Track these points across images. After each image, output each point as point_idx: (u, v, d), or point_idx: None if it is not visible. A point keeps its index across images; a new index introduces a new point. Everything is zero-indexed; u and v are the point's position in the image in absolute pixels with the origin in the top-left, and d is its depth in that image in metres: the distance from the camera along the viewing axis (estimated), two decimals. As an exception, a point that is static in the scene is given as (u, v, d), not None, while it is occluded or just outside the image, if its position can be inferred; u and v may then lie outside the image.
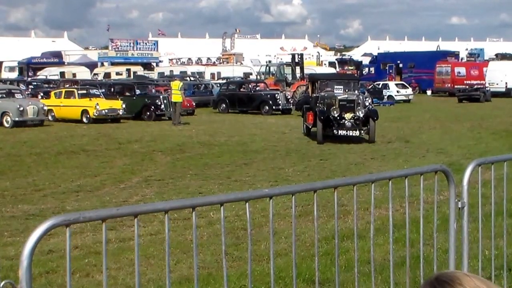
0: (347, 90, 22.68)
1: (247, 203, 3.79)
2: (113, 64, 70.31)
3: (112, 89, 35.29)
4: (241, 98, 36.11)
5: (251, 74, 57.51)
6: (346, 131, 20.86)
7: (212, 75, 58.56)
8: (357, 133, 20.91)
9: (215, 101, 37.79)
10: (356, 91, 22.75)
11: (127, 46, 78.36)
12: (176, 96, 29.62)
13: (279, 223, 8.97)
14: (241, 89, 37.43)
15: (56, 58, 74.38)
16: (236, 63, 73.03)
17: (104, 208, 9.15)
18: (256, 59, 78.73)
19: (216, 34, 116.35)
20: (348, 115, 21.02)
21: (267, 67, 51.57)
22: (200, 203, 4.13)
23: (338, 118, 21.10)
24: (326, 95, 22.47)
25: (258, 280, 6.20)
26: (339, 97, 21.86)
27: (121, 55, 75.50)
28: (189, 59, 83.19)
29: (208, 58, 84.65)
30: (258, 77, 50.52)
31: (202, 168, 16.01)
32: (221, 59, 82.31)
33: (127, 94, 33.71)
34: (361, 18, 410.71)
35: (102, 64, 71.92)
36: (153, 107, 32.03)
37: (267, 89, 38.10)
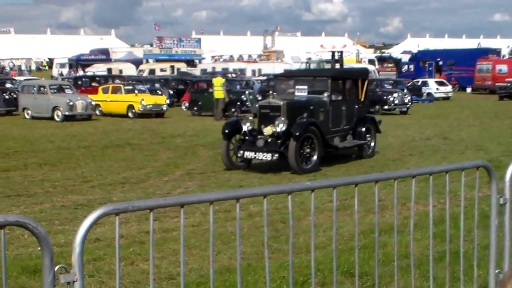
0: (314, 92, 16.09)
1: (289, 196, 3.88)
2: (157, 61, 71.24)
3: (194, 85, 34.94)
4: (282, 94, 36.12)
5: (291, 71, 57.42)
6: (255, 153, 14.59)
7: (253, 71, 58.70)
8: (269, 156, 14.41)
9: (256, 97, 37.88)
10: (326, 93, 15.89)
11: (171, 43, 79.35)
12: (218, 92, 29.89)
13: (317, 216, 9.05)
14: (282, 86, 37.39)
15: (104, 55, 76.02)
16: (277, 60, 73.15)
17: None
18: (296, 56, 78.72)
19: (257, 32, 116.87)
20: (268, 130, 14.75)
21: (307, 64, 51.51)
22: (243, 194, 4.22)
23: (251, 133, 15.05)
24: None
25: (296, 272, 6.31)
26: (259, 103, 16.55)
27: (165, 52, 76.54)
28: (231, 56, 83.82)
29: (249, 55, 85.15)
30: (299, 74, 50.44)
31: (243, 162, 16.13)
32: (262, 56, 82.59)
33: (209, 90, 32.27)
34: (401, 15, 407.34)
35: (147, 61, 72.98)
36: (238, 103, 31.24)
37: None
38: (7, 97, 33.03)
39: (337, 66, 45.24)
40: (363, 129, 16.74)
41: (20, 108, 31.18)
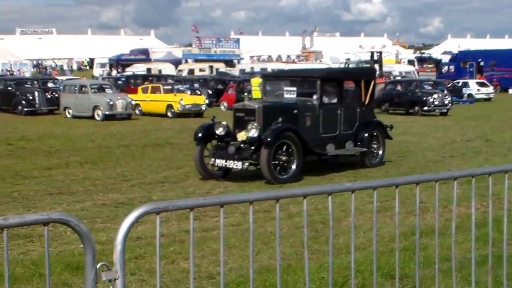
0: (304, 94, 14.73)
1: (329, 196, 3.88)
2: (196, 61, 71.79)
3: (239, 85, 35.06)
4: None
5: (330, 71, 57.18)
6: (226, 161, 13.28)
7: (292, 72, 58.53)
8: (239, 165, 13.08)
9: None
10: (315, 96, 14.52)
11: (210, 43, 79.93)
12: (256, 92, 29.98)
13: (357, 217, 9.02)
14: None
15: (143, 55, 77.08)
16: (316, 60, 73.11)
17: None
18: (335, 56, 78.61)
19: (296, 32, 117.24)
20: (241, 135, 13.47)
21: (346, 65, 51.34)
22: (283, 195, 4.21)
23: (223, 138, 13.72)
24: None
25: (336, 273, 6.30)
26: (234, 106, 15.23)
27: (204, 53, 77.14)
28: (269, 56, 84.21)
29: (288, 56, 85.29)
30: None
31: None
32: (301, 57, 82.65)
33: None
34: (441, 15, 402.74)
35: (186, 61, 73.58)
36: None
37: (346, 86, 37.88)
38: (49, 96, 33.61)
39: (376, 66, 45.18)
40: (366, 135, 15.19)
41: (61, 107, 31.68)
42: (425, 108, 32.07)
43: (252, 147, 13.25)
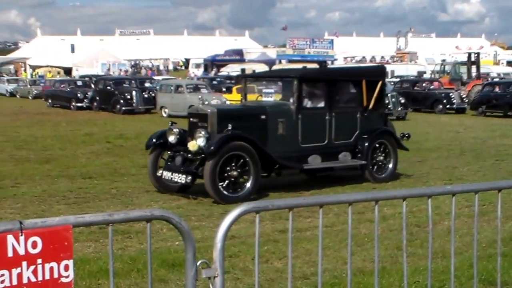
0: (283, 97, 12.93)
1: (429, 199, 3.86)
2: (290, 61, 72.01)
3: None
4: (415, 96, 35.54)
5: (425, 72, 56.28)
6: (172, 173, 11.46)
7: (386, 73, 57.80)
8: (182, 178, 11.18)
9: (388, 99, 37.43)
10: (292, 99, 12.40)
11: (303, 44, 80.00)
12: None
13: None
14: (415, 88, 36.86)
15: (238, 56, 77.98)
16: (410, 61, 71.94)
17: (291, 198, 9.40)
18: (431, 57, 77.12)
19: (391, 33, 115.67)
20: (193, 145, 11.36)
21: (442, 66, 50.32)
22: (383, 196, 4.22)
23: (172, 147, 11.95)
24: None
25: (431, 277, 6.20)
26: (188, 110, 13.37)
27: (298, 53, 77.24)
28: (363, 57, 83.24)
29: (382, 57, 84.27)
30: (433, 75, 49.42)
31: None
32: (395, 58, 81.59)
33: None
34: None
35: (280, 62, 73.95)
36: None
37: (442, 88, 37.29)
38: (146, 96, 34.51)
39: (474, 68, 44.02)
40: (366, 145, 13.02)
41: (158, 106, 32.42)
42: (524, 110, 30.98)
43: (195, 158, 11.46)
